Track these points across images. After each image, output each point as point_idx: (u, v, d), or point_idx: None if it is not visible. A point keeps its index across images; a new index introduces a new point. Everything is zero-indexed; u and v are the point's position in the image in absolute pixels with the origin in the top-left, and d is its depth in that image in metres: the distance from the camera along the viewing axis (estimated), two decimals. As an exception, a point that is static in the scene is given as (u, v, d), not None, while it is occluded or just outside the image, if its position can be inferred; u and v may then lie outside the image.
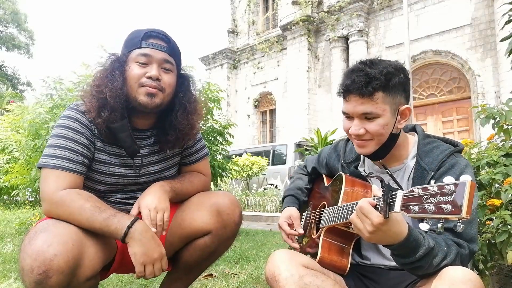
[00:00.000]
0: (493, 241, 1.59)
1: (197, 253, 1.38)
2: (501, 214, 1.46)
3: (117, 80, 1.25)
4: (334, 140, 8.14)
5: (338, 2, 13.96)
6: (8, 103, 7.87)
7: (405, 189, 0.89)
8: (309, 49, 15.36)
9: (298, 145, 10.95)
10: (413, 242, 0.94)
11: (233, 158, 5.60)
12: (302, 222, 1.46)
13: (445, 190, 0.77)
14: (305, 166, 1.60)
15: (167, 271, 1.47)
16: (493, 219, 1.52)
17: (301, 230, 1.38)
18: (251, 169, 9.71)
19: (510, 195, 1.45)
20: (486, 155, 1.68)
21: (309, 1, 15.27)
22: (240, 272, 2.47)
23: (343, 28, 14.08)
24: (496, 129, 1.72)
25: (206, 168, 1.57)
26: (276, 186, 10.03)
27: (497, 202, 1.51)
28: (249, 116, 18.17)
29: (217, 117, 4.32)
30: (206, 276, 2.30)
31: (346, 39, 14.24)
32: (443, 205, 0.76)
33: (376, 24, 13.89)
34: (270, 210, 7.62)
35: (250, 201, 8.15)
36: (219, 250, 1.43)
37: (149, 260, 1.16)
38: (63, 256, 1.01)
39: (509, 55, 1.96)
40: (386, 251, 1.18)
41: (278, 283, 1.07)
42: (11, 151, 5.59)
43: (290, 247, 1.48)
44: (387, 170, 1.20)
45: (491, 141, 1.83)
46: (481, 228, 1.65)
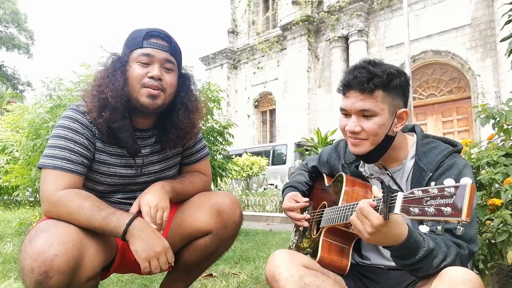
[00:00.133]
0: (493, 241, 1.59)
1: (197, 253, 1.38)
2: (501, 214, 1.47)
3: (118, 80, 1.25)
4: (334, 140, 8.15)
5: (338, 2, 13.96)
6: (8, 103, 7.88)
7: (404, 190, 0.89)
8: (309, 49, 15.36)
9: (298, 145, 10.95)
10: (413, 244, 0.94)
11: (233, 158, 5.61)
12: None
13: (445, 193, 0.77)
14: (306, 164, 1.61)
15: (167, 271, 1.47)
16: (493, 219, 1.52)
17: (306, 199, 1.39)
18: (251, 169, 9.72)
19: (510, 195, 1.45)
20: (486, 155, 1.68)
21: (309, 1, 15.27)
22: (240, 272, 2.47)
23: (343, 28, 14.08)
24: (496, 129, 1.72)
25: (206, 168, 1.58)
26: (276, 186, 10.03)
27: (497, 201, 1.51)
28: (249, 116, 18.17)
29: (217, 117, 4.33)
30: (206, 276, 2.30)
31: (346, 39, 14.24)
32: (443, 208, 0.76)
33: (376, 24, 13.89)
34: (270, 210, 7.62)
35: (250, 201, 8.15)
36: (219, 250, 1.43)
37: (153, 254, 1.15)
38: (63, 256, 1.01)
39: (509, 55, 1.96)
40: (386, 251, 1.18)
41: (278, 283, 1.07)
42: (11, 152, 5.59)
43: (290, 248, 1.47)
44: (387, 171, 1.20)
45: (491, 141, 1.83)
46: (481, 228, 1.65)
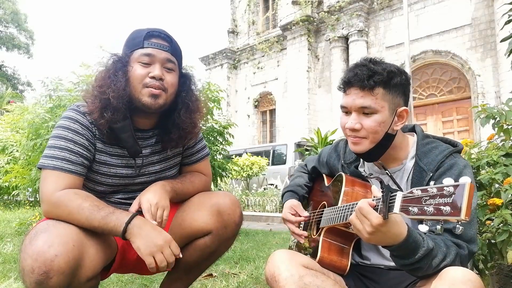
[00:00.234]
0: (493, 240, 1.59)
1: (197, 253, 1.38)
2: (501, 214, 1.47)
3: (120, 80, 1.25)
4: (334, 140, 8.14)
5: (338, 2, 13.95)
6: (8, 103, 7.87)
7: (404, 190, 0.89)
8: (309, 49, 15.36)
9: (298, 145, 10.95)
10: (412, 243, 0.94)
11: (233, 158, 5.61)
12: (302, 222, 1.46)
13: (444, 192, 0.77)
14: (305, 165, 1.61)
15: (167, 271, 1.47)
16: (493, 219, 1.52)
17: (306, 213, 1.38)
18: (251, 169, 9.72)
19: (510, 195, 1.45)
20: (486, 155, 1.68)
21: (309, 1, 15.26)
22: (240, 272, 2.47)
23: (343, 28, 14.07)
24: (496, 129, 1.72)
25: (207, 168, 1.58)
26: (276, 186, 10.04)
27: (497, 201, 1.51)
28: (249, 116, 18.17)
29: (217, 117, 4.33)
30: (206, 276, 2.30)
31: (346, 39, 14.24)
32: (442, 207, 0.76)
33: (376, 24, 13.88)
34: (270, 210, 7.62)
35: (250, 201, 8.15)
36: (219, 250, 1.43)
37: (156, 248, 1.13)
38: (63, 257, 1.01)
39: (509, 55, 1.96)
40: (386, 251, 1.18)
41: (278, 283, 1.07)
42: (11, 152, 5.59)
43: (290, 248, 1.47)
44: (386, 171, 1.20)
45: (491, 141, 1.83)
46: (481, 227, 1.65)
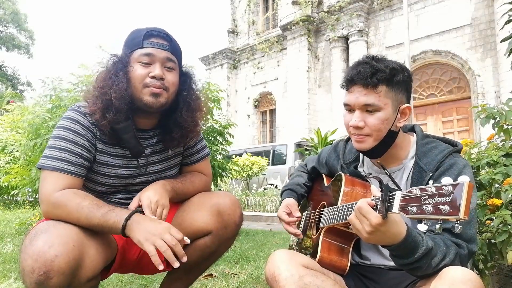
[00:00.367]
0: (493, 240, 1.60)
1: (197, 253, 1.38)
2: (501, 214, 1.47)
3: (121, 81, 1.25)
4: (334, 140, 8.14)
5: (338, 2, 13.96)
6: (8, 103, 7.88)
7: (403, 190, 0.89)
8: (309, 49, 15.36)
9: (298, 145, 10.96)
10: (411, 243, 0.94)
11: (233, 158, 5.61)
12: (302, 222, 1.47)
13: (443, 191, 0.77)
14: (305, 165, 1.61)
15: (167, 271, 1.47)
16: (493, 219, 1.52)
17: (298, 214, 1.39)
18: (251, 169, 9.73)
19: (510, 195, 1.45)
20: (486, 155, 1.68)
21: (309, 1, 15.27)
22: (240, 272, 2.47)
23: (343, 28, 14.07)
24: (496, 129, 1.72)
25: (207, 168, 1.58)
26: (276, 186, 10.04)
27: (497, 201, 1.51)
28: (249, 116, 18.17)
29: (217, 117, 4.33)
30: (206, 276, 2.30)
31: (346, 39, 14.24)
32: (441, 206, 0.76)
33: (376, 24, 13.89)
34: (270, 210, 7.62)
35: (250, 201, 8.15)
36: (219, 251, 1.43)
37: (156, 235, 1.10)
38: (64, 257, 1.01)
39: (509, 55, 1.97)
40: (386, 251, 1.18)
41: (278, 283, 1.07)
42: (11, 152, 5.59)
43: (290, 247, 1.48)
44: (385, 170, 1.20)
45: (491, 141, 1.83)
46: (481, 228, 1.65)
